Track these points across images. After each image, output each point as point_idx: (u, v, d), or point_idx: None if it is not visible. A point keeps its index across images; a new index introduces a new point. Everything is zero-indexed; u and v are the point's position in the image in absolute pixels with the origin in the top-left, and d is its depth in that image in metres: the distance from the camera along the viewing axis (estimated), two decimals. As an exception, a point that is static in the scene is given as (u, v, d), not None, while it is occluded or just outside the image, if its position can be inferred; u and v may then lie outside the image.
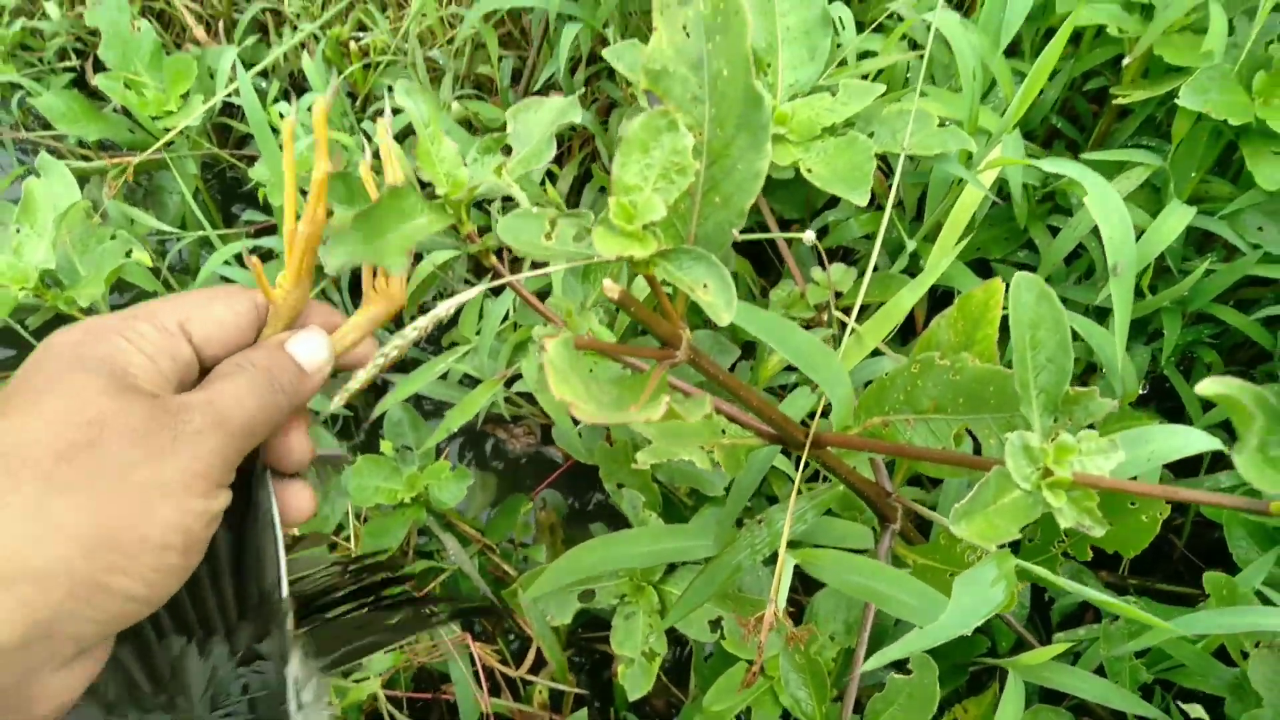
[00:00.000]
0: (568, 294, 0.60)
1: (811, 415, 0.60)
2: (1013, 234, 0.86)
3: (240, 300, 0.36)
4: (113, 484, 0.29)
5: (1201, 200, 0.79)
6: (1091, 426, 0.41)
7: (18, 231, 0.88)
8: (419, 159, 0.47)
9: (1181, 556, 0.92)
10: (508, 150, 0.50)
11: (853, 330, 0.56)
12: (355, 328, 0.38)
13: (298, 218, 0.37)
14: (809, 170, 0.57)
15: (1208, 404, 0.89)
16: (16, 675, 0.28)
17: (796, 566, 0.56)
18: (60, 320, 0.95)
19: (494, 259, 0.50)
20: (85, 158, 1.16)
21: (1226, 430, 0.92)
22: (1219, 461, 0.89)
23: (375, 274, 0.39)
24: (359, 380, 0.36)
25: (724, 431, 0.53)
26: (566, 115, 0.49)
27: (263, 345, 0.36)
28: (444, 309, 0.34)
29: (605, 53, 0.60)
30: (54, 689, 0.29)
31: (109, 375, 0.31)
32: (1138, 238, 0.72)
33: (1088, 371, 0.87)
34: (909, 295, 0.56)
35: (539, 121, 0.48)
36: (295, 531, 0.45)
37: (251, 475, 0.36)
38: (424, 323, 0.36)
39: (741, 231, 0.43)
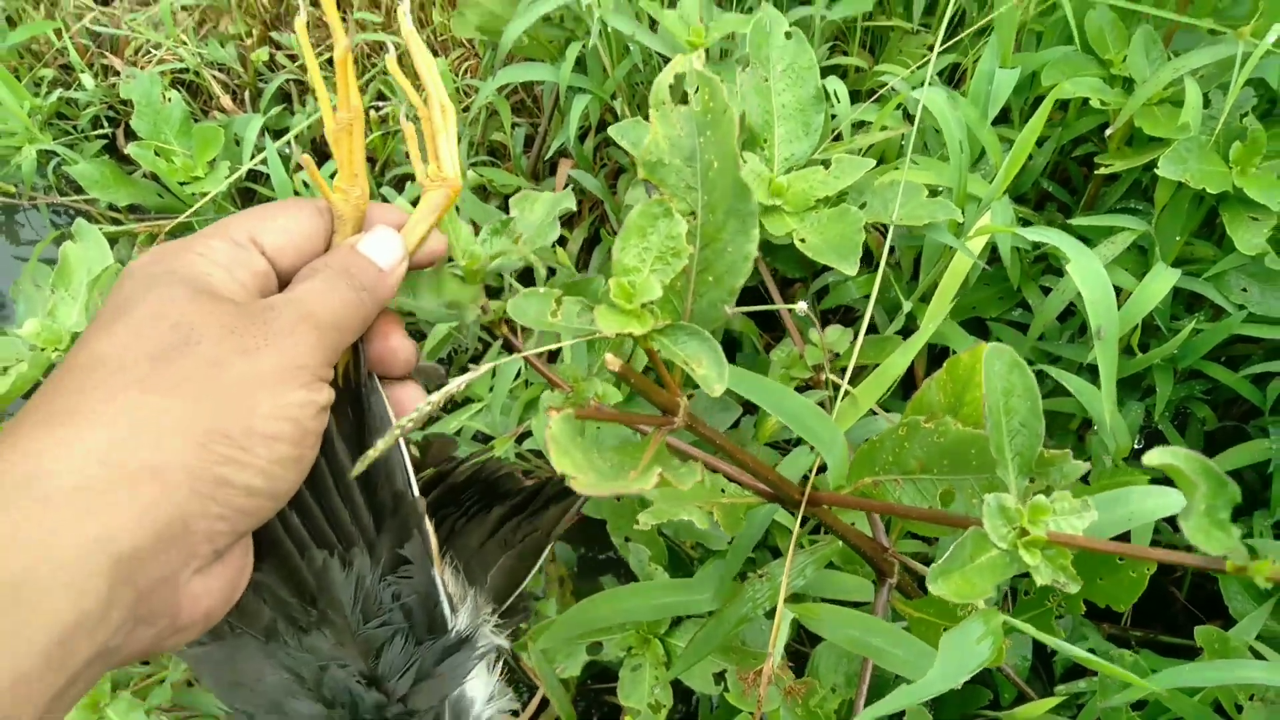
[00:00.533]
0: (575, 359, 0.63)
1: (818, 470, 0.63)
2: (1006, 293, 0.89)
3: (304, 208, 0.36)
4: (211, 381, 0.29)
5: (1188, 262, 0.82)
6: (1087, 480, 0.43)
7: (52, 292, 0.93)
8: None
9: (1183, 608, 0.93)
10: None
11: (847, 393, 0.59)
12: (421, 219, 0.38)
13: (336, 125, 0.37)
14: (802, 240, 0.60)
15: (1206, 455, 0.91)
16: (156, 578, 0.28)
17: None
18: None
19: (505, 329, 0.53)
20: (115, 220, 1.22)
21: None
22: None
23: (427, 162, 0.40)
24: (384, 442, 0.37)
25: (724, 490, 0.55)
26: (561, 205, 0.53)
27: (336, 249, 0.36)
28: (472, 376, 0.36)
29: (611, 130, 0.64)
30: (196, 594, 0.29)
31: (190, 285, 0.31)
32: (1126, 299, 0.75)
33: (1084, 426, 0.89)
34: (901, 359, 0.59)
35: (537, 211, 0.52)
36: (417, 439, 0.45)
37: (361, 386, 0.37)
38: (452, 388, 0.38)
39: (738, 301, 0.46)
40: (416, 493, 0.37)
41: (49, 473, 0.26)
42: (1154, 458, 0.32)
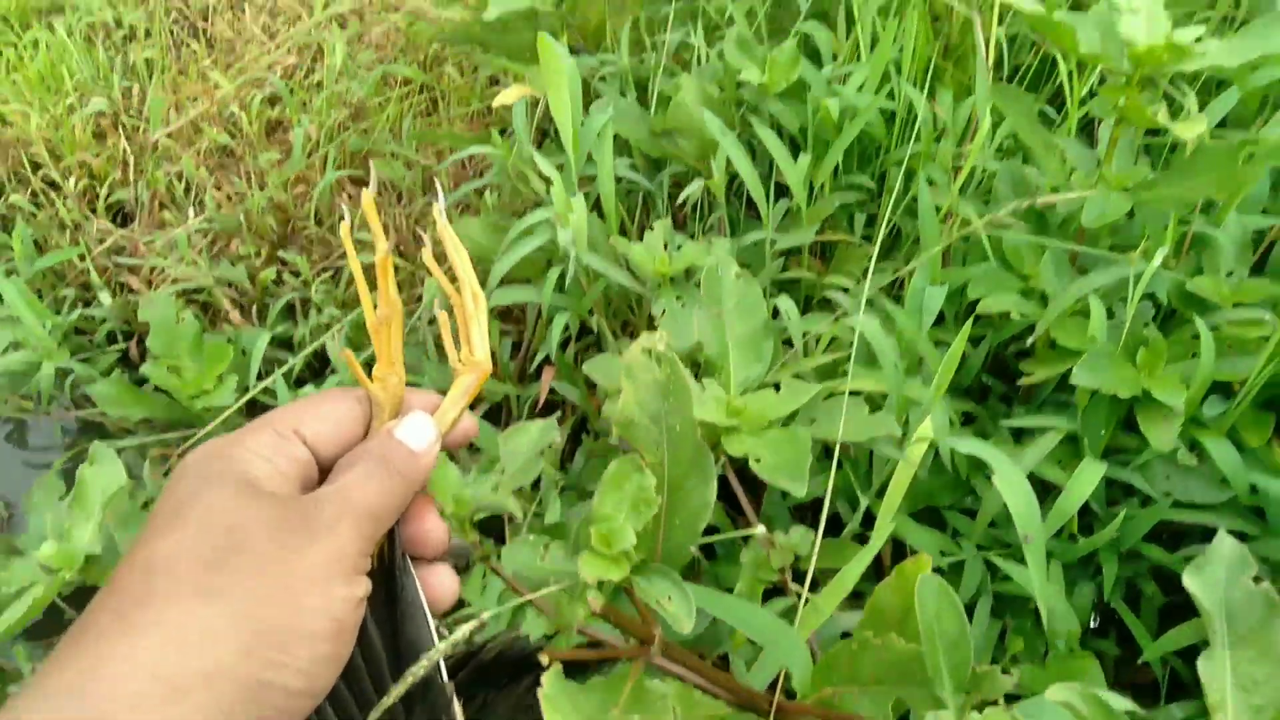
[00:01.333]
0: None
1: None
2: (958, 482, 0.96)
3: (344, 399, 0.39)
4: (260, 583, 0.31)
5: (1117, 451, 0.90)
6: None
7: (68, 510, 0.98)
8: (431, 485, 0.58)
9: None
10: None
11: (807, 600, 0.65)
12: (453, 403, 0.41)
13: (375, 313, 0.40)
14: (757, 460, 0.68)
15: (1160, 630, 0.96)
16: None
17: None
18: (93, 590, 1.03)
19: (496, 561, 0.59)
20: (127, 430, 1.29)
21: (1181, 657, 0.98)
22: (1178, 689, 0.94)
23: (459, 347, 0.43)
24: (396, 693, 0.41)
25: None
26: (547, 436, 0.60)
27: (374, 436, 0.38)
28: (478, 624, 0.42)
29: (585, 367, 0.73)
30: None
31: (239, 484, 0.33)
32: (1059, 492, 0.83)
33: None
34: (856, 567, 0.65)
35: (522, 444, 0.59)
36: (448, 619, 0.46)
37: (394, 567, 0.38)
38: (463, 632, 0.42)
39: (702, 525, 0.53)
40: (445, 677, 0.39)
41: (107, 690, 0.29)
42: (1054, 693, 0.38)
